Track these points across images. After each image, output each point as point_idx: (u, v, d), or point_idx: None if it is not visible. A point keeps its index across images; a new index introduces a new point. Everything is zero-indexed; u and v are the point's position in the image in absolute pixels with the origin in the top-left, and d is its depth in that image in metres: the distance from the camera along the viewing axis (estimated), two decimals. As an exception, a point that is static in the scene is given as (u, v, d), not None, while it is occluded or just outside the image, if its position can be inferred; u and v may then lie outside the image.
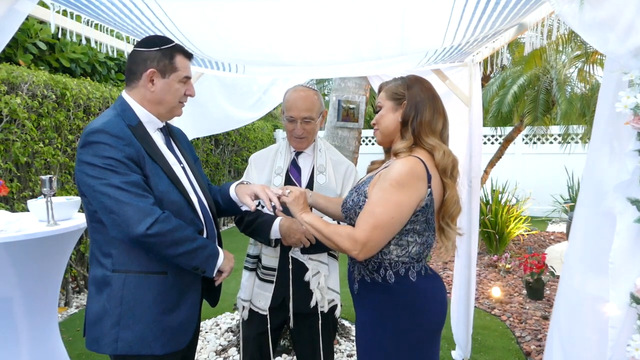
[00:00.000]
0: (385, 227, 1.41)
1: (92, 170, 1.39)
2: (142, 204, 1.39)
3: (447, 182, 1.51)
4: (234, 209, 1.81)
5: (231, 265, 1.61)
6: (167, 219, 1.43)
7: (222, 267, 1.57)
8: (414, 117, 1.53)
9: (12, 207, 3.79)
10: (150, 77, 1.52)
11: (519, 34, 2.13)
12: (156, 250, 1.43)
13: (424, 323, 1.50)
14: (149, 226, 1.37)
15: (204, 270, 1.52)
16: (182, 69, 1.56)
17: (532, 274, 4.34)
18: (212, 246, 1.55)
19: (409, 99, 1.55)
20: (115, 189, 1.38)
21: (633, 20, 1.08)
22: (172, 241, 1.42)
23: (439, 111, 1.56)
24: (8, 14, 1.50)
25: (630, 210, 1.12)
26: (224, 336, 3.47)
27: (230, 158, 8.62)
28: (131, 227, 1.37)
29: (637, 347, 1.10)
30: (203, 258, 1.50)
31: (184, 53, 1.58)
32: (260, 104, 3.56)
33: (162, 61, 1.52)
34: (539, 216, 8.51)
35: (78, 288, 4.58)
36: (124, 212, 1.37)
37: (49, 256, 2.30)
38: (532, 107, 6.36)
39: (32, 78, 3.91)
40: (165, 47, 1.53)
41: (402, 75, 1.65)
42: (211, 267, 1.53)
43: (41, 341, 2.34)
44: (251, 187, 1.72)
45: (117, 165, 1.40)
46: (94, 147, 1.40)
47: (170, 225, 1.42)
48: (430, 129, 1.53)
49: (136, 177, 1.42)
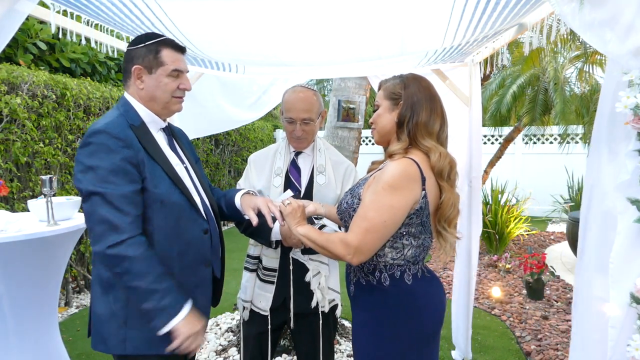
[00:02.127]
0: (378, 230, 1.38)
1: (84, 172, 1.39)
2: (116, 219, 1.34)
3: (444, 185, 1.47)
4: (238, 216, 1.80)
5: (192, 332, 1.39)
6: (136, 244, 1.35)
7: (176, 328, 1.37)
8: (410, 118, 1.49)
9: (12, 207, 3.79)
10: (136, 74, 1.51)
11: (519, 34, 2.13)
12: (112, 272, 1.37)
13: (420, 326, 1.48)
14: (111, 245, 1.33)
15: (151, 320, 1.37)
16: (169, 63, 1.51)
17: (532, 274, 4.34)
18: (177, 300, 1.39)
19: (405, 99, 1.51)
20: (97, 196, 1.36)
21: (633, 20, 1.08)
22: (128, 270, 1.33)
23: (436, 112, 1.52)
24: (8, 14, 1.50)
25: (630, 210, 1.12)
26: (224, 336, 3.47)
27: (230, 158, 8.62)
28: (94, 239, 1.35)
29: (637, 347, 1.10)
30: (157, 305, 1.35)
31: (173, 46, 1.54)
32: (260, 103, 3.56)
33: (147, 57, 1.50)
34: (539, 216, 8.52)
35: (78, 288, 4.58)
36: (93, 222, 1.36)
37: (49, 256, 2.30)
38: (531, 107, 6.37)
39: (32, 78, 3.91)
40: (150, 43, 1.51)
41: (402, 73, 1.61)
42: (161, 319, 1.36)
43: (41, 341, 2.34)
44: (255, 200, 1.70)
45: (107, 174, 1.37)
46: (92, 148, 1.39)
47: (135, 252, 1.34)
48: (426, 130, 1.49)
49: (125, 190, 1.37)
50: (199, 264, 1.57)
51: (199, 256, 1.57)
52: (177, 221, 1.50)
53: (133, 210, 1.39)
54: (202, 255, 1.58)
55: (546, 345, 3.35)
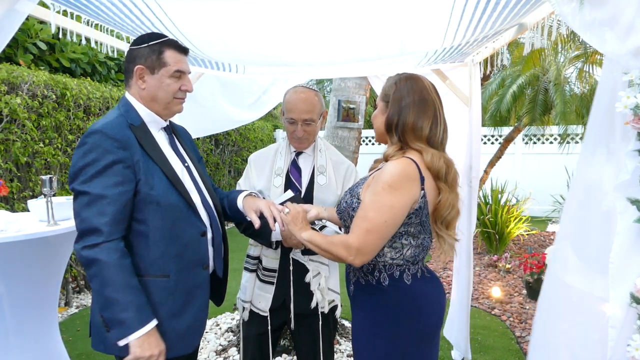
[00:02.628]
0: (379, 231, 1.38)
1: (76, 171, 1.39)
2: (96, 221, 1.34)
3: (441, 187, 1.45)
4: (240, 218, 1.80)
5: (144, 355, 1.35)
6: (111, 250, 1.34)
7: (132, 345, 1.34)
8: (398, 121, 1.48)
9: (12, 207, 3.79)
10: (139, 74, 1.50)
11: (519, 34, 2.13)
12: (86, 272, 1.37)
13: (419, 325, 1.47)
14: (87, 246, 1.34)
15: (108, 330, 1.37)
16: (172, 64, 1.51)
17: (532, 274, 4.34)
18: (135, 317, 1.35)
19: (392, 102, 1.50)
20: (83, 196, 1.37)
21: (633, 20, 1.08)
22: (97, 274, 1.33)
23: (425, 114, 1.47)
24: (8, 14, 1.50)
25: (630, 211, 1.12)
26: (224, 336, 3.47)
27: (230, 158, 8.62)
28: (76, 237, 1.37)
29: (637, 347, 1.10)
30: (115, 316, 1.34)
31: (176, 47, 1.54)
32: (260, 103, 3.56)
33: (149, 57, 1.49)
34: (539, 216, 8.51)
35: (78, 288, 4.58)
36: (77, 221, 1.37)
37: (49, 256, 2.30)
38: (531, 107, 6.37)
39: (32, 78, 3.91)
40: (154, 43, 1.50)
41: (400, 73, 1.59)
42: (117, 332, 1.34)
43: (41, 341, 2.34)
44: (257, 202, 1.70)
45: (96, 175, 1.37)
46: (86, 148, 1.39)
47: (109, 257, 1.33)
48: (414, 133, 1.46)
49: (111, 192, 1.37)
50: (197, 266, 1.56)
51: (196, 258, 1.55)
52: (174, 223, 1.49)
53: (116, 213, 1.37)
54: (200, 258, 1.56)
55: (546, 345, 3.35)
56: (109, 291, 1.33)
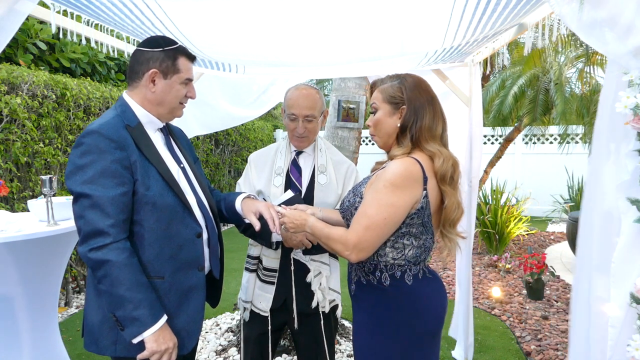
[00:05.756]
0: (378, 228, 1.38)
1: (74, 172, 1.38)
2: (101, 223, 1.34)
3: (446, 190, 1.45)
4: (237, 220, 1.79)
5: (159, 349, 1.38)
6: (119, 250, 1.35)
7: (148, 341, 1.37)
8: (414, 123, 1.47)
9: (12, 207, 3.79)
10: (151, 77, 1.51)
11: (519, 34, 2.13)
12: (94, 275, 1.37)
13: (420, 326, 1.47)
14: (94, 248, 1.34)
15: (122, 329, 1.37)
16: (184, 71, 1.55)
17: (532, 274, 4.34)
18: (149, 313, 1.37)
19: (409, 104, 1.49)
20: (84, 198, 1.36)
21: (633, 20, 1.08)
22: (107, 274, 1.34)
23: (438, 114, 1.49)
24: (8, 14, 1.50)
25: (631, 211, 1.12)
26: (224, 336, 3.47)
27: (230, 158, 8.62)
28: (80, 240, 1.36)
29: (637, 347, 1.10)
30: (128, 315, 1.35)
31: (187, 55, 1.58)
32: (259, 102, 3.57)
33: (165, 62, 1.51)
34: (539, 216, 8.52)
35: (78, 288, 4.58)
36: (79, 223, 1.37)
37: (49, 256, 2.30)
38: (531, 108, 6.37)
39: (32, 78, 3.91)
40: (169, 49, 1.53)
41: (397, 74, 1.57)
42: (132, 330, 1.36)
43: (41, 341, 2.34)
44: (256, 204, 1.70)
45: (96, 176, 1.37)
46: (83, 148, 1.39)
47: (118, 257, 1.34)
48: (430, 134, 1.47)
49: (112, 193, 1.37)
50: (192, 268, 1.55)
51: (191, 260, 1.54)
52: (169, 224, 1.48)
53: (119, 214, 1.38)
54: (195, 259, 1.56)
55: (546, 345, 3.35)
56: (121, 290, 1.34)
